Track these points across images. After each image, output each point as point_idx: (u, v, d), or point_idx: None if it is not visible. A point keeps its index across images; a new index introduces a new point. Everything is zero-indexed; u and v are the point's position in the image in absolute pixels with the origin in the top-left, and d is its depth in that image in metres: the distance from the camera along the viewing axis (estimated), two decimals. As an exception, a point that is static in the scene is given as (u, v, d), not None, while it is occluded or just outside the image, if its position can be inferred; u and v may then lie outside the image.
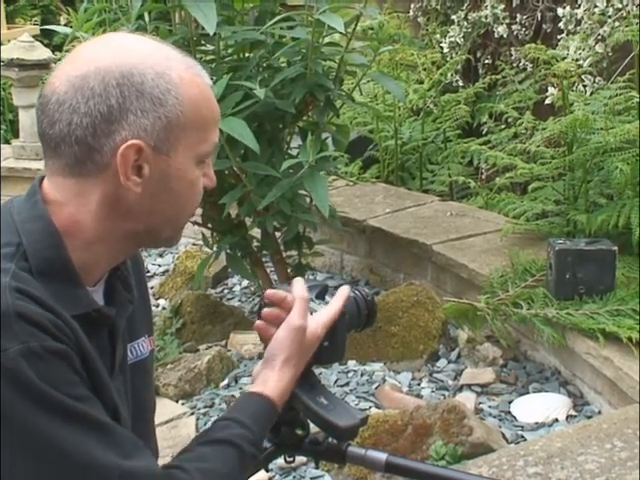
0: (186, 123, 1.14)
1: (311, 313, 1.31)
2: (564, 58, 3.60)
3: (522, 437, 2.62)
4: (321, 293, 1.36)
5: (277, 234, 3.32)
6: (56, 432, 1.03)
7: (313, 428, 1.36)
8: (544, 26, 4.44)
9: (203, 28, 2.76)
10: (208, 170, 1.21)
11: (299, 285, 1.30)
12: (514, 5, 4.60)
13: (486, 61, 4.81)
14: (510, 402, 2.82)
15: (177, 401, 3.00)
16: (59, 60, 4.04)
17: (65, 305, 1.10)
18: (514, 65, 4.46)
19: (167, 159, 1.14)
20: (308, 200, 3.18)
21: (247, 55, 3.12)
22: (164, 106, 1.12)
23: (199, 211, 3.33)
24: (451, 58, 4.65)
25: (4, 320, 1.02)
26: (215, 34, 2.79)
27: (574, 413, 2.73)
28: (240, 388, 3.03)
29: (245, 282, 3.88)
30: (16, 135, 5.38)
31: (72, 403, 1.05)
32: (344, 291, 1.33)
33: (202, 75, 1.18)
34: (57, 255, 1.13)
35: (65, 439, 1.04)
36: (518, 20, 4.55)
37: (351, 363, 3.11)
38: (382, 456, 1.36)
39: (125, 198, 1.14)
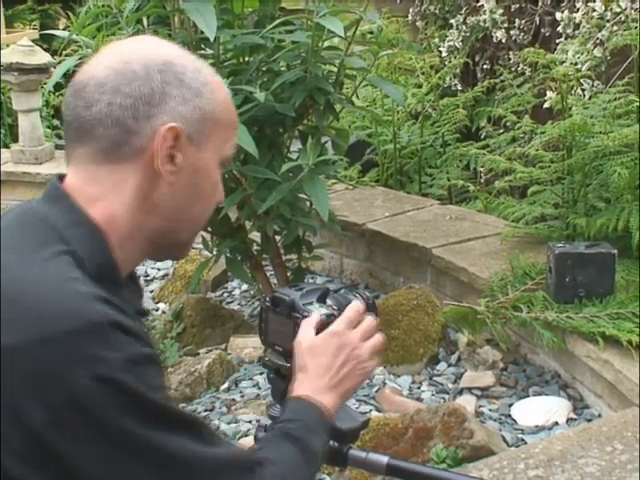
0: (218, 119, 1.17)
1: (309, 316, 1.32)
2: (562, 62, 3.60)
3: (522, 440, 2.62)
4: (322, 297, 1.37)
5: (277, 238, 3.32)
6: (163, 436, 1.04)
7: (315, 431, 1.35)
8: (542, 30, 4.44)
9: (202, 32, 2.76)
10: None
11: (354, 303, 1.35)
12: (513, 9, 4.61)
13: (485, 65, 4.81)
14: (510, 405, 2.82)
15: (178, 405, 2.99)
16: (58, 64, 4.03)
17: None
18: (512, 69, 4.47)
19: (197, 152, 1.15)
20: (308, 204, 3.18)
21: (247, 59, 3.12)
22: (201, 98, 1.15)
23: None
24: (449, 62, 4.65)
25: (100, 330, 1.01)
26: (215, 38, 2.79)
27: (574, 416, 2.73)
28: (240, 391, 3.03)
29: (245, 286, 3.88)
30: (15, 139, 5.38)
31: (170, 406, 1.07)
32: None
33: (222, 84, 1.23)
34: (107, 259, 1.11)
35: (171, 441, 1.05)
36: (517, 24, 4.56)
37: (351, 367, 3.10)
38: (383, 459, 1.36)
39: (157, 189, 1.14)
